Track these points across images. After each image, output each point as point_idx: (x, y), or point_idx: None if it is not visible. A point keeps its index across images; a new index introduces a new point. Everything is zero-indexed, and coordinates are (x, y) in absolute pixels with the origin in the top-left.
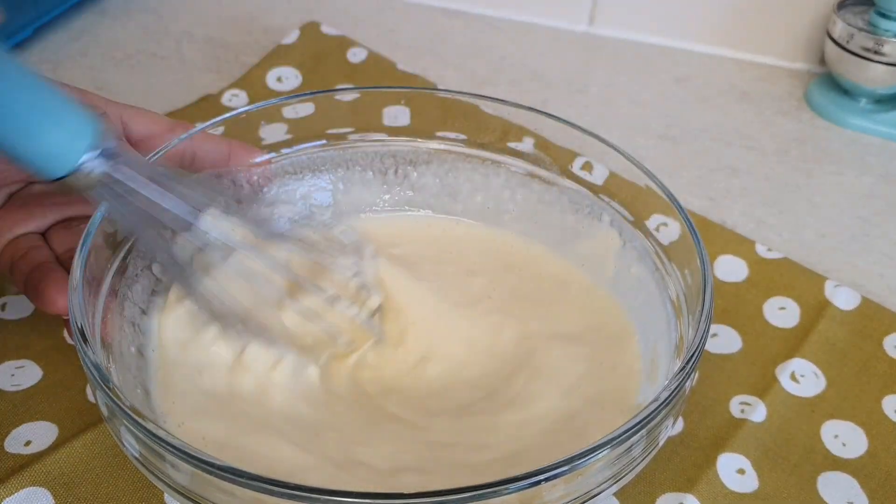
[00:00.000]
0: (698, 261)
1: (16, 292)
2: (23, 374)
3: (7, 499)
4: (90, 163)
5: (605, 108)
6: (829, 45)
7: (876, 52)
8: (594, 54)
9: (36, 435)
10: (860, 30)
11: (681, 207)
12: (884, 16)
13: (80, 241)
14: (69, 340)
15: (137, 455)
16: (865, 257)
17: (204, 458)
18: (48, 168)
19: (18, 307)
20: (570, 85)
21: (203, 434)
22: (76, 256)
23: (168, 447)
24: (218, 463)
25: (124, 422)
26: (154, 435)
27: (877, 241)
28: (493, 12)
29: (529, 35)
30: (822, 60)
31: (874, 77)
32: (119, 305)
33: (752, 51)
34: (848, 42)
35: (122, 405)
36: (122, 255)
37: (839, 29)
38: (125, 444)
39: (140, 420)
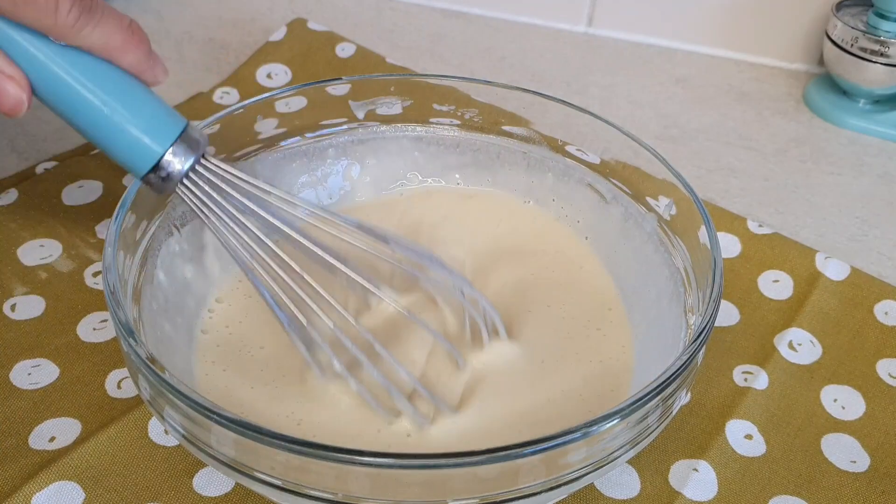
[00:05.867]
0: (706, 240)
1: (24, 293)
2: (39, 373)
3: (37, 494)
4: (173, 160)
5: (604, 108)
6: (828, 46)
7: (874, 53)
8: (593, 55)
9: (59, 431)
10: (859, 31)
11: (686, 183)
12: (882, 16)
13: (115, 213)
14: (83, 339)
15: (183, 432)
16: (864, 257)
17: (254, 426)
18: (134, 162)
19: (28, 308)
20: (569, 86)
21: (251, 405)
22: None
23: (218, 417)
24: (266, 429)
25: (172, 398)
26: (203, 407)
27: (875, 241)
28: (493, 13)
29: (529, 36)
30: (821, 61)
31: (873, 77)
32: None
33: (751, 51)
34: (847, 43)
35: (171, 383)
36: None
37: (838, 30)
38: (169, 421)
39: (189, 394)
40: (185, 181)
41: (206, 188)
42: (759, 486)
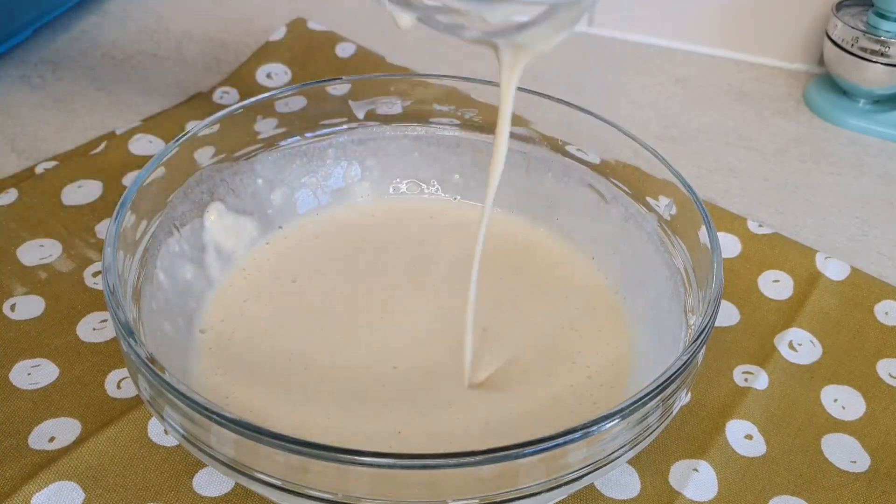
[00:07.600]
0: (706, 240)
1: (24, 293)
2: (39, 373)
3: (36, 494)
4: None
5: (604, 108)
6: (828, 46)
7: (875, 53)
8: (593, 55)
9: (59, 431)
10: (859, 30)
11: (686, 183)
12: (882, 16)
13: (115, 213)
14: (83, 339)
15: (183, 432)
16: (864, 257)
17: (254, 426)
18: None
19: (28, 308)
20: (569, 86)
21: (250, 406)
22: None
23: (218, 417)
24: (266, 429)
25: (171, 398)
26: (203, 407)
27: (875, 241)
28: None
29: None
30: (821, 61)
31: (873, 77)
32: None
33: (751, 51)
34: (847, 43)
35: (170, 383)
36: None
37: (838, 30)
38: (169, 421)
39: (188, 394)
40: None
41: None
42: (760, 487)
